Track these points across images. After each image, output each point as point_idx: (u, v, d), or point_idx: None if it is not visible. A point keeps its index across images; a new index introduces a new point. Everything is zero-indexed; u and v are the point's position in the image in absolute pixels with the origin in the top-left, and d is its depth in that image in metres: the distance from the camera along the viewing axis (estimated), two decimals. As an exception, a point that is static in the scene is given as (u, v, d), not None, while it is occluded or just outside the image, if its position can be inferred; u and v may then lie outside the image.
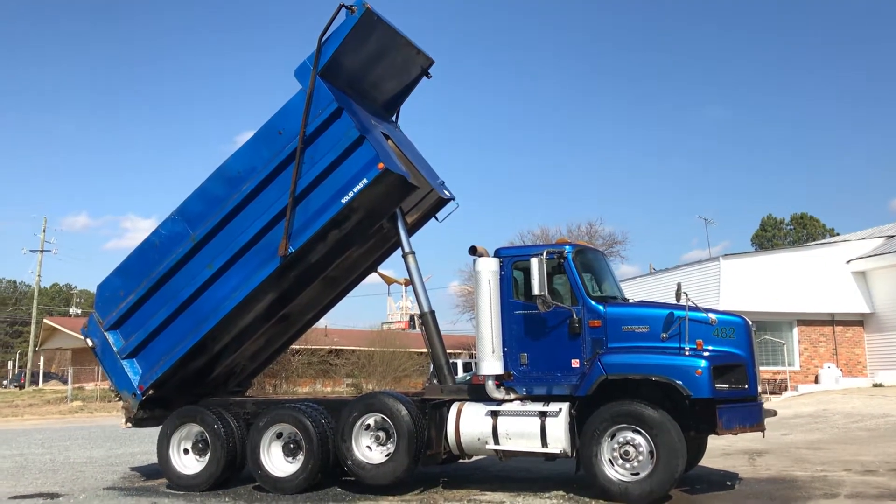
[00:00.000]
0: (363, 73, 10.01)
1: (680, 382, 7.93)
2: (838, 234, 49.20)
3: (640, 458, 8.02)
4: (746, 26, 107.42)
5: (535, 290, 8.46)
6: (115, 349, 10.28)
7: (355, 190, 9.06)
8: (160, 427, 10.29)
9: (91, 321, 10.57)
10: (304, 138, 9.25)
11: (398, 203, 9.89)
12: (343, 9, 9.01)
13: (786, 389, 25.48)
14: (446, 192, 10.91)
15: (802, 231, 65.38)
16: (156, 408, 10.48)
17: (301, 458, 9.25)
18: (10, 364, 61.37)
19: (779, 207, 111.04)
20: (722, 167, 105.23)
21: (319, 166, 9.25)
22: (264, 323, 10.52)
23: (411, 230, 10.82)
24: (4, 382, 55.10)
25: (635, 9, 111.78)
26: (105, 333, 10.34)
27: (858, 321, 27.48)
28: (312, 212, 9.30)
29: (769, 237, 66.39)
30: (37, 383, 49.84)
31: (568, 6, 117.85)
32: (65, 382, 42.94)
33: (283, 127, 9.49)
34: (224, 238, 9.70)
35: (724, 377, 8.09)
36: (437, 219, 11.12)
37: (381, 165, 8.89)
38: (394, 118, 11.08)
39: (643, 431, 8.01)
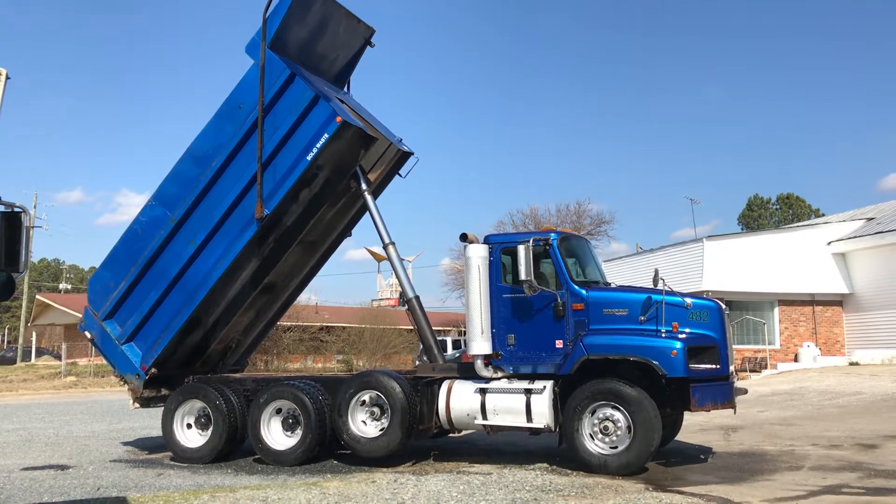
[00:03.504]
0: (310, 46, 10.51)
1: (656, 362, 8.45)
2: (823, 215, 49.96)
3: (619, 432, 8.55)
4: (737, 6, 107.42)
5: (522, 275, 8.96)
6: (113, 337, 10.71)
7: (318, 146, 9.60)
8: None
9: (87, 315, 10.96)
10: (263, 107, 9.80)
11: (360, 156, 10.46)
12: None
13: (766, 367, 26.13)
14: (405, 147, 11.45)
15: (788, 211, 66.15)
16: (160, 387, 10.95)
17: (299, 432, 9.73)
18: (-1, 339, 61.40)
19: (767, 187, 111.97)
20: (711, 146, 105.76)
21: (281, 131, 9.78)
22: (251, 291, 10.99)
23: (378, 188, 11.44)
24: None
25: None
26: (102, 324, 10.77)
27: (838, 301, 28.09)
28: (282, 173, 9.82)
29: (755, 217, 67.08)
30: (29, 359, 50.01)
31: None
32: (57, 358, 43.11)
33: (242, 101, 10.00)
34: (202, 213, 10.19)
35: (697, 357, 8.61)
36: (400, 175, 11.67)
37: (339, 119, 9.47)
38: (345, 89, 11.58)
39: (622, 408, 8.53)
